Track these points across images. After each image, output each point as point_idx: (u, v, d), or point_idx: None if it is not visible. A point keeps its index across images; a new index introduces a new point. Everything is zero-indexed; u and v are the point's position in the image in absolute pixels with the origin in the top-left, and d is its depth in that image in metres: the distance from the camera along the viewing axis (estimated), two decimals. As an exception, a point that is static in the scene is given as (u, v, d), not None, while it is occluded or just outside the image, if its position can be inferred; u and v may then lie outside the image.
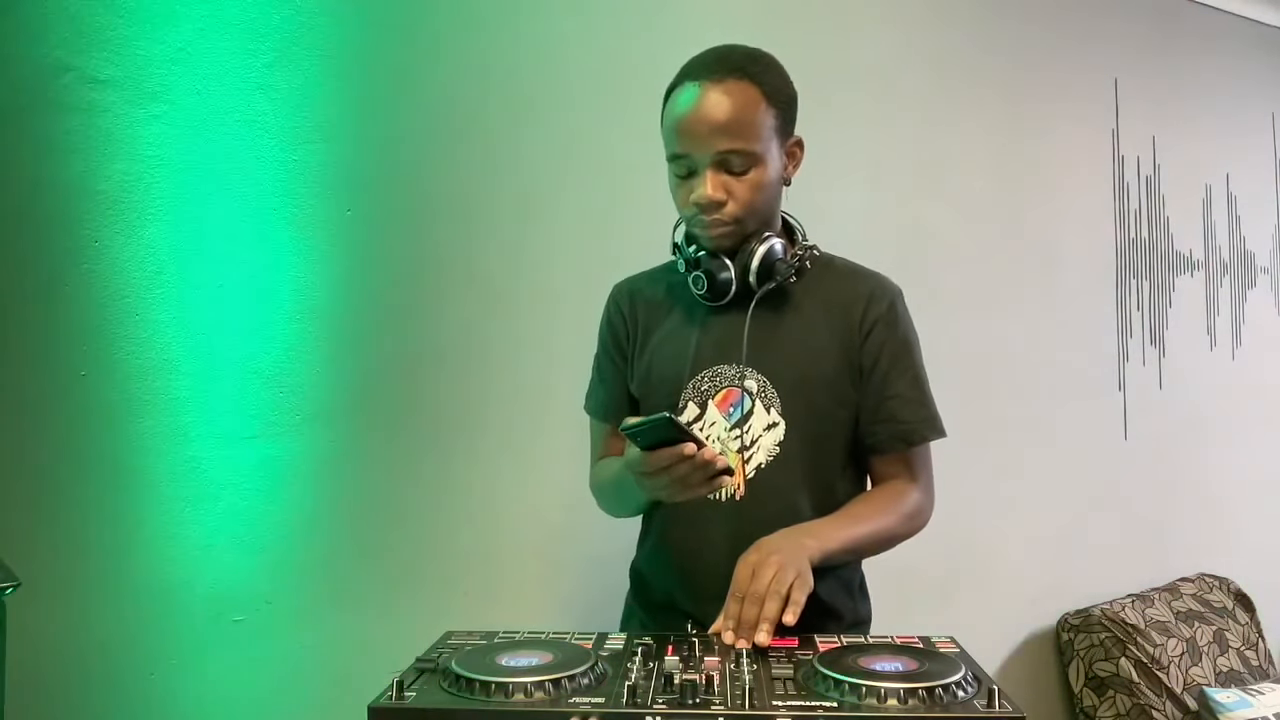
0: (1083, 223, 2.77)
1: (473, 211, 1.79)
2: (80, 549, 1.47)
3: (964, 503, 2.32)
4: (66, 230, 1.46)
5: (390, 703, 0.82)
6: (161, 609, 1.52)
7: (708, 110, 1.16)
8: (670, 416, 0.98)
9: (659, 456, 1.02)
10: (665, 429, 1.00)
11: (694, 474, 1.04)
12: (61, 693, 1.46)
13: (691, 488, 1.06)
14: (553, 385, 1.79)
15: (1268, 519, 3.18)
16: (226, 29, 1.57)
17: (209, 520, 1.55)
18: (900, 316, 1.28)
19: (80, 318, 1.47)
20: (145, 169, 1.51)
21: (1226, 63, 3.12)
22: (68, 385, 1.46)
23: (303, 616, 1.62)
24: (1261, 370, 3.19)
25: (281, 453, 1.61)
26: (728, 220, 1.20)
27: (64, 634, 1.45)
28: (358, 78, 1.69)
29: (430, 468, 1.75)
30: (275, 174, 1.61)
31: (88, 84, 1.47)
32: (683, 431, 1.01)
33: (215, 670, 1.56)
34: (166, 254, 1.53)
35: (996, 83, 2.57)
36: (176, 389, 1.53)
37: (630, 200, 1.89)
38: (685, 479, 1.05)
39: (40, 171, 1.45)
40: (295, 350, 1.63)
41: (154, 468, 1.52)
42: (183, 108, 1.54)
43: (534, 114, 1.85)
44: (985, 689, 0.83)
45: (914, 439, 1.25)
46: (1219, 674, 2.63)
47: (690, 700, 0.81)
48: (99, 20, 1.48)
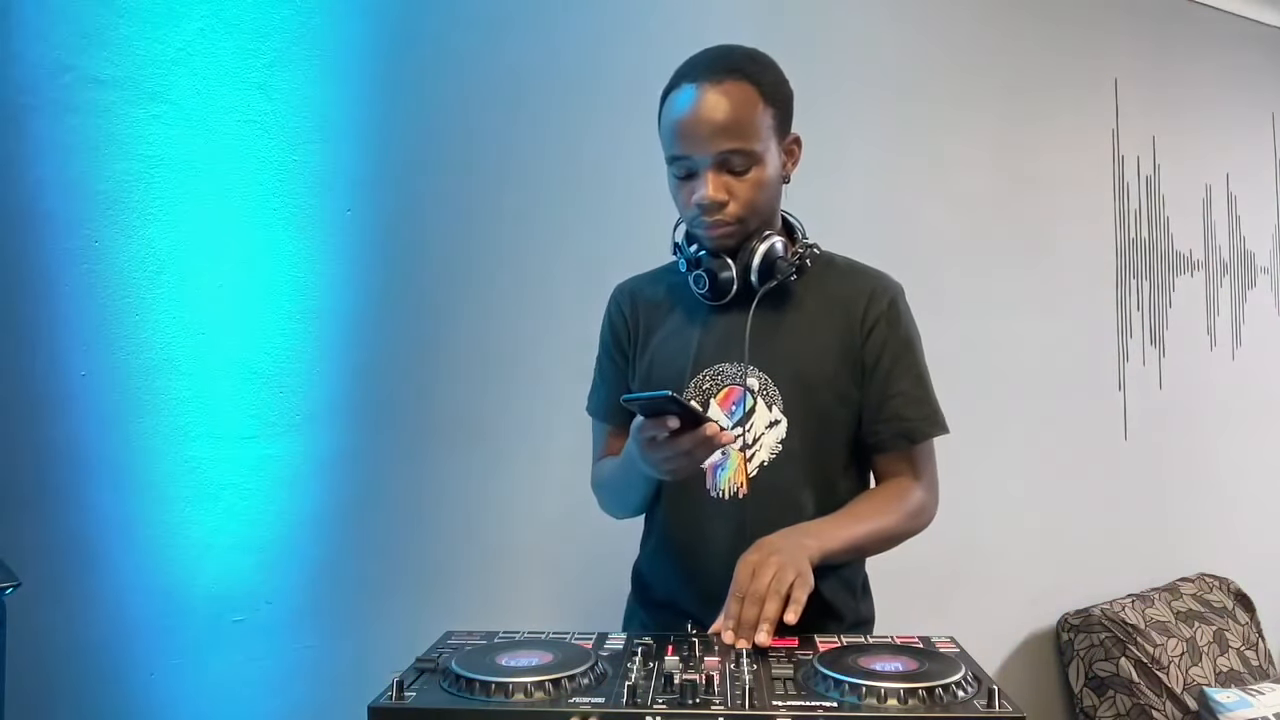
0: (1083, 223, 2.77)
1: (473, 212, 1.79)
2: (80, 549, 1.47)
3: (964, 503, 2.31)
4: (67, 230, 1.46)
5: (390, 703, 0.82)
6: (161, 609, 1.52)
7: (707, 111, 1.16)
8: (672, 393, 0.98)
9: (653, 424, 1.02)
10: (666, 404, 1.00)
11: (697, 448, 1.04)
12: (61, 693, 1.45)
13: (694, 461, 1.07)
14: (553, 386, 1.79)
15: (1268, 519, 3.18)
16: (227, 29, 1.57)
17: (209, 520, 1.55)
18: (902, 314, 1.28)
19: (80, 318, 1.47)
20: (145, 169, 1.51)
21: (1226, 63, 3.12)
22: (68, 385, 1.46)
23: (303, 616, 1.62)
24: (1261, 370, 3.19)
25: (281, 453, 1.61)
26: (730, 220, 1.20)
27: (64, 634, 1.45)
28: (358, 78, 1.69)
29: (430, 468, 1.75)
30: (275, 174, 1.61)
31: (88, 84, 1.47)
32: (684, 407, 1.01)
33: (215, 670, 1.56)
34: (166, 254, 1.53)
35: (997, 82, 2.57)
36: (176, 389, 1.53)
37: (630, 200, 1.89)
38: (689, 452, 1.05)
39: (40, 171, 1.45)
40: (295, 350, 1.63)
41: (154, 468, 1.52)
42: (183, 108, 1.54)
43: (534, 114, 1.85)
44: (985, 689, 0.83)
45: (917, 436, 1.25)
46: (1219, 674, 2.63)
47: (690, 700, 0.81)
48: (99, 20, 1.48)
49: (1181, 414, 2.96)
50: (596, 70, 1.92)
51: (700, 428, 1.02)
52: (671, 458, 1.06)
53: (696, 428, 1.02)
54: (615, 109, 1.90)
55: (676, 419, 1.02)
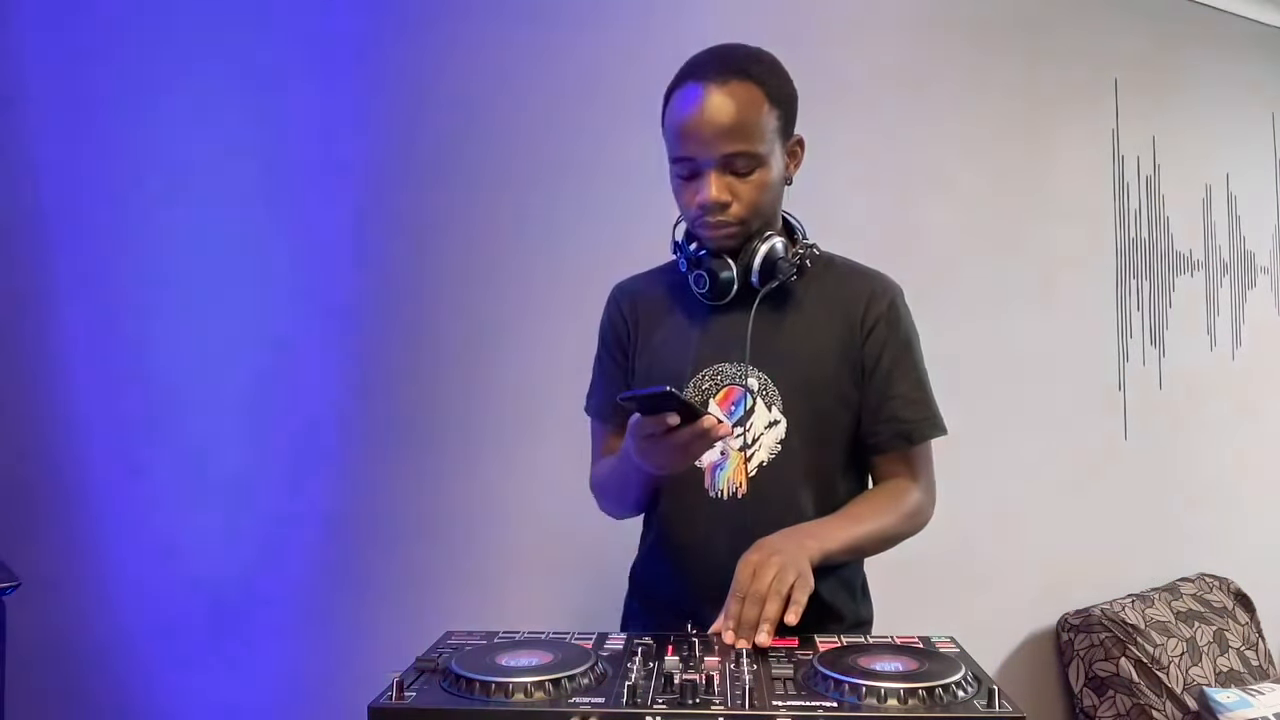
0: (1083, 223, 2.77)
1: (473, 212, 1.79)
2: (80, 549, 1.47)
3: (964, 503, 2.31)
4: (67, 231, 1.46)
5: (390, 703, 0.82)
6: (162, 609, 1.52)
7: (712, 112, 1.15)
8: (670, 389, 0.98)
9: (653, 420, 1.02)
10: (664, 400, 1.00)
11: (695, 441, 1.04)
12: (61, 693, 1.46)
13: (692, 455, 1.08)
14: (553, 386, 1.78)
15: (1268, 519, 3.18)
16: (227, 29, 1.57)
17: (209, 520, 1.55)
18: (901, 315, 1.28)
19: (81, 318, 1.47)
20: (145, 169, 1.51)
21: (1226, 63, 3.12)
22: (68, 385, 1.46)
23: (303, 616, 1.62)
24: (1261, 370, 3.18)
25: (281, 453, 1.61)
26: (733, 221, 1.20)
27: (64, 634, 1.45)
28: (359, 78, 1.69)
29: (431, 468, 1.75)
30: (275, 174, 1.61)
31: (87, 84, 1.47)
32: (681, 402, 1.01)
33: (215, 670, 1.56)
34: (166, 254, 1.53)
35: (997, 83, 2.57)
36: (176, 389, 1.53)
37: (630, 200, 1.89)
38: (686, 446, 1.05)
39: (41, 172, 1.45)
40: (295, 350, 1.63)
41: (154, 468, 1.52)
42: (183, 108, 1.54)
43: (534, 114, 1.85)
44: (985, 689, 0.83)
45: (915, 438, 1.25)
46: (1219, 674, 2.63)
47: (690, 700, 0.81)
48: (99, 20, 1.48)
49: (1181, 414, 2.96)
50: (597, 69, 1.92)
51: (697, 421, 1.02)
52: (668, 451, 1.06)
53: (694, 422, 1.02)
54: (615, 108, 1.90)
55: (676, 415, 1.02)
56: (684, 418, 1.02)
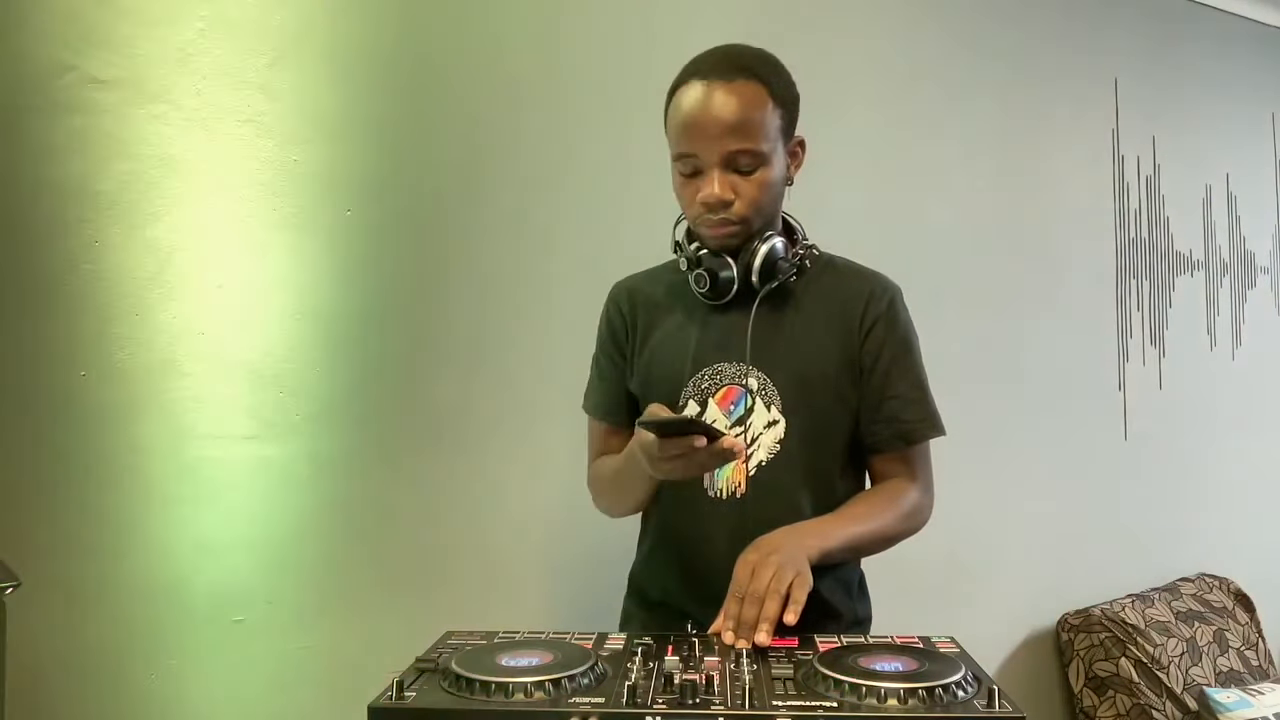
0: (1083, 222, 2.77)
1: (472, 211, 1.79)
2: (80, 549, 1.47)
3: (964, 503, 2.32)
4: (67, 231, 1.46)
5: (390, 703, 0.82)
6: (161, 609, 1.52)
7: (716, 110, 1.15)
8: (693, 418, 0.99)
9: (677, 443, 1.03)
10: (689, 426, 1.03)
11: (713, 458, 1.05)
12: (61, 693, 1.45)
13: (706, 469, 1.13)
14: (552, 385, 1.79)
15: (1268, 519, 3.18)
16: (227, 29, 1.57)
17: (209, 520, 1.55)
18: (900, 315, 1.28)
19: (81, 318, 1.47)
20: (145, 169, 1.51)
21: (1226, 63, 3.12)
22: (68, 385, 1.46)
23: (303, 616, 1.62)
24: (1261, 370, 3.18)
25: (281, 453, 1.61)
26: (734, 220, 1.20)
27: (64, 634, 1.45)
28: (358, 78, 1.69)
29: (430, 467, 1.74)
30: (275, 174, 1.61)
31: (89, 84, 1.47)
32: (705, 427, 1.02)
33: (215, 670, 1.56)
34: (167, 254, 1.53)
35: (997, 83, 2.57)
36: (177, 389, 1.53)
37: (629, 199, 1.89)
38: (702, 464, 1.08)
39: (41, 172, 1.45)
40: (295, 350, 1.63)
41: (154, 468, 1.52)
42: (183, 108, 1.54)
43: (533, 113, 1.85)
44: (985, 689, 0.83)
45: (914, 438, 1.25)
46: (1219, 674, 2.63)
47: (690, 700, 0.81)
48: (100, 20, 1.48)
49: (1181, 414, 2.96)
50: (596, 69, 1.92)
51: (718, 441, 1.03)
52: (686, 467, 1.07)
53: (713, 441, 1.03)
54: (615, 107, 1.90)
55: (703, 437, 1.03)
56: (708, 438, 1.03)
